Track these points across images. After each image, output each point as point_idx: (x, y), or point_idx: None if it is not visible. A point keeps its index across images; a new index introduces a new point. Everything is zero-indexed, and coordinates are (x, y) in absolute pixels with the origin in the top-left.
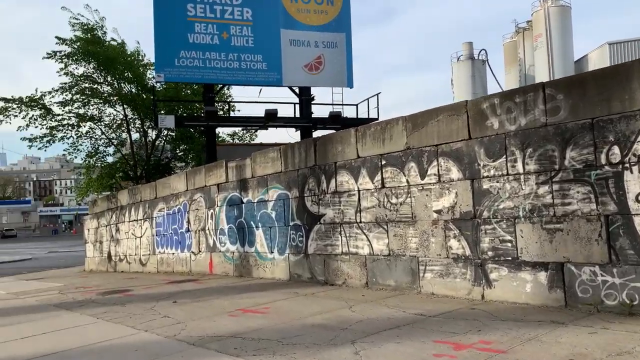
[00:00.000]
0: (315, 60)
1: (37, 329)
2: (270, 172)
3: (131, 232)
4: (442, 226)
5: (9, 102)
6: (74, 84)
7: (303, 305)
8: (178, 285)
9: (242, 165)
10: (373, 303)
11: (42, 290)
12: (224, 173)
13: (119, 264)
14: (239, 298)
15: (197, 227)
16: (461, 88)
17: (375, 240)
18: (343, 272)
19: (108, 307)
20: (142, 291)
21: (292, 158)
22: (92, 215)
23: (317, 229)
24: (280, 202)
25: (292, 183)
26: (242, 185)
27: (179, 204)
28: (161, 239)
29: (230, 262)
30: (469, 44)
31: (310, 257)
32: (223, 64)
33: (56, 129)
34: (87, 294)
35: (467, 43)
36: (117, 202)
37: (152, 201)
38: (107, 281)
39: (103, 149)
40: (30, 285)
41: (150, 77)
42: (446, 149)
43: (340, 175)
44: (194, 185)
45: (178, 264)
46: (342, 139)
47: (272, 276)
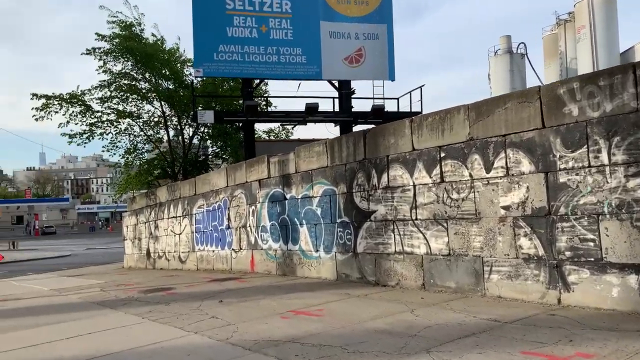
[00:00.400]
0: (356, 53)
1: (82, 329)
2: (315, 167)
3: (170, 229)
4: (511, 224)
5: (50, 99)
6: (112, 80)
7: (358, 307)
8: (221, 284)
9: (285, 160)
10: (436, 306)
11: (84, 287)
12: (265, 168)
13: (158, 261)
14: (287, 298)
15: (238, 224)
16: (499, 83)
17: (433, 239)
18: (396, 273)
19: (152, 306)
20: (185, 289)
21: (339, 152)
22: (131, 212)
23: (367, 227)
24: (326, 198)
25: (339, 178)
26: (285, 181)
27: (219, 201)
28: (201, 236)
29: (272, 260)
30: (506, 37)
31: (360, 257)
32: (262, 57)
33: (95, 125)
34: (129, 291)
35: (505, 36)
36: (156, 198)
37: (191, 198)
38: (147, 279)
39: (141, 145)
40: (72, 282)
41: (187, 74)
42: (515, 139)
43: (393, 170)
44: (235, 182)
45: (218, 262)
46: (395, 130)
47: (318, 275)
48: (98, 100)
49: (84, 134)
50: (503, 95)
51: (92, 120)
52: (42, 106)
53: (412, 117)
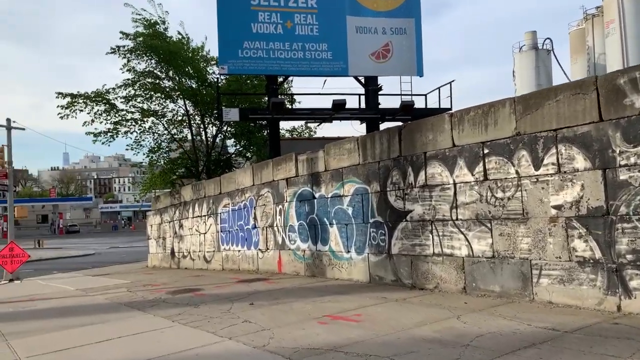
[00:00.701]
0: (383, 48)
1: (111, 332)
2: (346, 165)
3: (195, 229)
4: (563, 224)
5: (76, 98)
6: (136, 79)
7: (399, 312)
8: (249, 285)
9: (314, 158)
10: (483, 313)
11: (110, 287)
12: (293, 167)
13: (183, 260)
14: (321, 302)
15: (265, 224)
16: (523, 80)
17: (475, 240)
18: (435, 276)
19: (181, 308)
20: (213, 290)
21: (372, 149)
22: (155, 211)
23: (403, 227)
24: (358, 197)
25: (371, 176)
26: (313, 179)
27: (245, 200)
28: (226, 236)
29: (301, 260)
30: (532, 33)
31: (394, 258)
32: (287, 54)
33: (120, 123)
34: (156, 292)
35: (531, 32)
36: (181, 197)
37: (216, 197)
38: (173, 279)
39: (165, 144)
40: (98, 281)
41: (211, 72)
42: (568, 133)
43: (431, 167)
44: (261, 180)
45: (244, 262)
46: (434, 126)
47: (349, 277)
48: (122, 99)
49: (108, 133)
50: (553, 87)
51: (116, 118)
52: (67, 104)
53: (452, 112)
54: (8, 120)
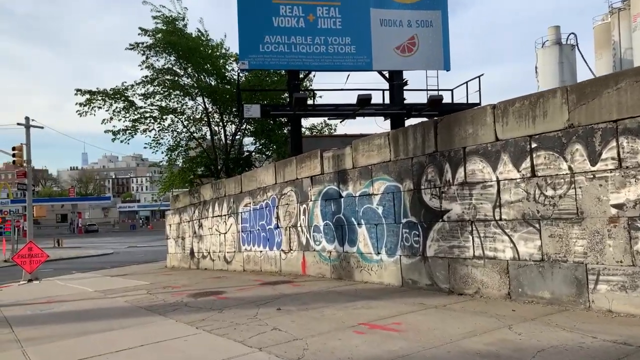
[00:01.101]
0: (408, 41)
1: (132, 340)
2: (376, 162)
3: (215, 228)
4: (625, 225)
5: (94, 95)
6: (154, 76)
7: (442, 321)
8: (273, 288)
9: (341, 155)
10: (535, 322)
11: (129, 288)
12: (318, 164)
13: (202, 261)
14: (354, 307)
15: (288, 224)
16: (547, 76)
17: (521, 242)
18: (475, 280)
19: (204, 313)
20: (236, 293)
21: (405, 144)
22: (174, 210)
23: (439, 228)
24: (389, 195)
25: (404, 174)
26: (340, 177)
27: (267, 199)
28: (247, 236)
29: (326, 262)
30: (555, 27)
31: (430, 261)
32: (309, 48)
33: (138, 121)
34: (177, 295)
35: (554, 27)
36: (200, 196)
37: (237, 196)
38: (193, 280)
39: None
40: (116, 282)
41: (230, 70)
42: (631, 124)
43: (472, 163)
44: (284, 178)
45: (266, 263)
46: (474, 118)
47: (379, 280)
48: (141, 96)
49: (127, 131)
50: (613, 74)
51: (135, 116)
52: (86, 101)
53: (494, 104)
54: (27, 119)
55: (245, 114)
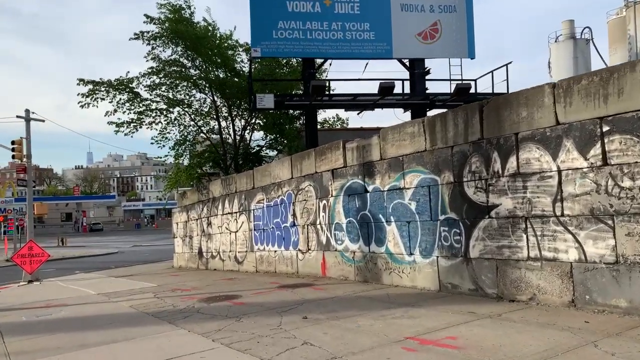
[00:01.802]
0: (431, 28)
1: (138, 355)
2: (408, 152)
3: (225, 227)
4: None
5: (98, 85)
6: (161, 67)
7: (507, 336)
8: (293, 292)
9: (367, 145)
10: (623, 338)
11: (135, 291)
12: (340, 156)
13: (211, 261)
14: (392, 317)
15: (306, 221)
16: (560, 71)
17: (589, 242)
18: (530, 285)
19: (220, 322)
20: (253, 298)
21: (443, 131)
22: (181, 208)
23: (485, 225)
24: (424, 189)
25: (442, 164)
26: (366, 170)
27: (282, 195)
28: (260, 235)
29: (350, 263)
30: (569, 22)
31: (474, 263)
32: (325, 34)
33: (144, 113)
34: (187, 299)
35: (568, 21)
36: (209, 193)
37: (249, 192)
38: (203, 282)
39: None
40: (121, 284)
41: (239, 61)
42: None
43: (526, 151)
44: (301, 172)
45: (281, 264)
46: (528, 100)
47: (412, 284)
48: (146, 87)
49: (131, 123)
50: None
51: (140, 108)
52: (89, 92)
53: (554, 82)
54: (27, 112)
55: (258, 105)
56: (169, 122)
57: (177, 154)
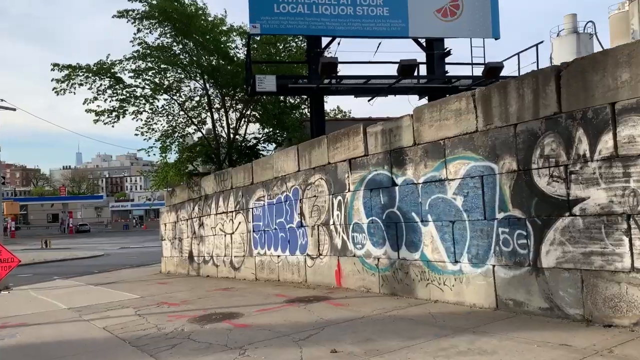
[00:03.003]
0: (451, 4)
1: None
2: (453, 134)
3: (219, 228)
4: None
5: (75, 70)
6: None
7: None
8: (307, 309)
9: (395, 128)
10: None
11: (114, 305)
12: (360, 143)
13: (204, 266)
14: (457, 351)
15: (316, 221)
16: None
17: None
18: (634, 304)
19: (220, 356)
20: (258, 317)
21: (503, 106)
22: (170, 207)
23: (565, 225)
24: (475, 180)
25: (501, 148)
26: (394, 158)
27: (287, 190)
28: (260, 237)
29: (373, 272)
30: (572, 15)
31: (547, 274)
32: (333, 9)
33: (127, 101)
34: (175, 317)
35: (570, 15)
36: (201, 190)
37: (247, 188)
38: (195, 293)
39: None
40: (100, 294)
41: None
42: None
43: (627, 126)
44: (310, 164)
45: (286, 271)
46: (632, 57)
47: (458, 299)
48: (131, 72)
49: (113, 112)
50: None
51: (123, 96)
52: (65, 78)
53: None
54: None
55: (257, 87)
56: (154, 111)
57: (164, 147)
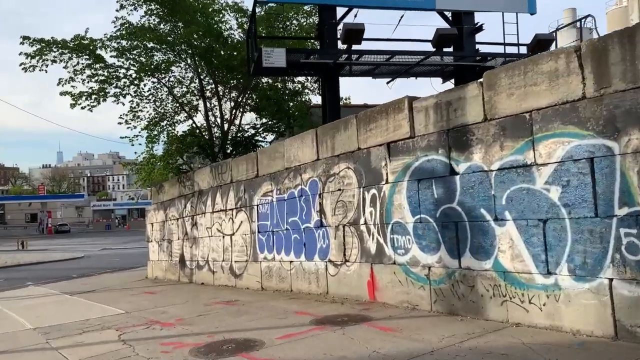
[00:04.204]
0: None
1: None
2: (545, 104)
3: (216, 228)
4: None
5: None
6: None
7: None
8: (345, 334)
9: (456, 100)
10: None
11: (92, 325)
12: (404, 121)
13: (197, 272)
14: None
15: (340, 220)
16: None
17: None
18: None
19: None
20: (285, 348)
21: (625, 61)
22: (158, 204)
23: None
24: (580, 164)
25: (624, 120)
26: (453, 139)
27: (302, 184)
28: (268, 239)
29: (421, 284)
30: (571, 10)
31: None
32: None
33: (109, 82)
34: (173, 346)
35: (570, 9)
36: (194, 185)
37: (251, 181)
38: (192, 308)
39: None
40: (75, 308)
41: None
42: None
43: None
44: (333, 151)
45: (301, 279)
46: None
47: (551, 323)
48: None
49: (92, 95)
50: None
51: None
52: (36, 52)
53: None
54: None
55: (264, 62)
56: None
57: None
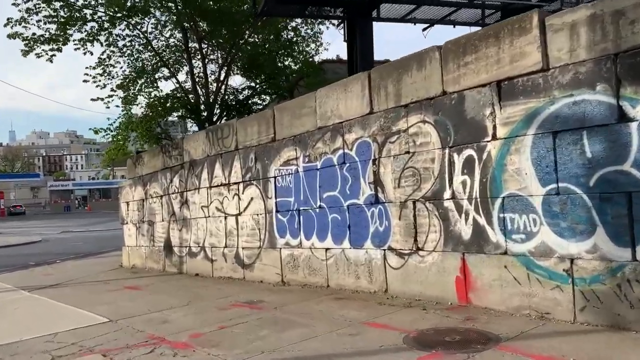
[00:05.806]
0: None
1: None
2: None
3: (215, 207)
4: None
5: None
6: None
7: None
8: None
9: (631, 7)
10: None
11: (64, 346)
12: (532, 46)
13: (189, 260)
14: None
15: (409, 194)
16: None
17: None
18: None
19: None
20: None
21: None
22: (135, 179)
23: None
24: None
25: None
26: (624, 67)
27: (344, 147)
28: (291, 219)
29: (557, 282)
30: None
31: None
32: None
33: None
34: None
35: None
36: (183, 155)
37: (264, 147)
38: (200, 312)
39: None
40: (37, 315)
41: None
42: None
43: None
44: (397, 100)
45: (343, 273)
46: None
47: None
48: None
49: (51, 40)
50: None
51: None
52: None
53: None
54: None
55: None
56: (114, 45)
57: (127, 98)
